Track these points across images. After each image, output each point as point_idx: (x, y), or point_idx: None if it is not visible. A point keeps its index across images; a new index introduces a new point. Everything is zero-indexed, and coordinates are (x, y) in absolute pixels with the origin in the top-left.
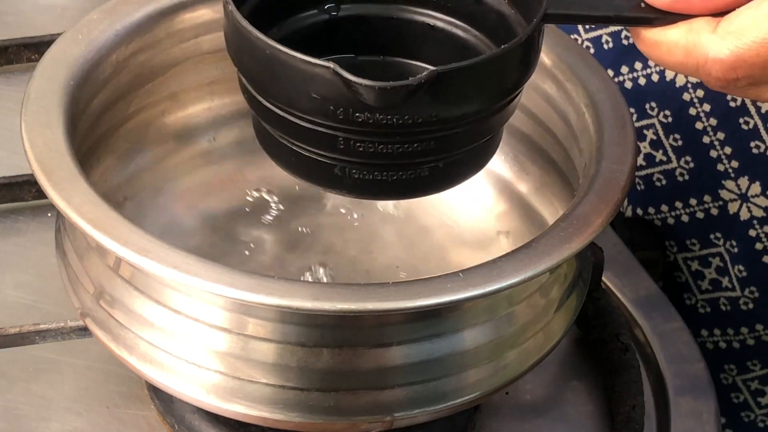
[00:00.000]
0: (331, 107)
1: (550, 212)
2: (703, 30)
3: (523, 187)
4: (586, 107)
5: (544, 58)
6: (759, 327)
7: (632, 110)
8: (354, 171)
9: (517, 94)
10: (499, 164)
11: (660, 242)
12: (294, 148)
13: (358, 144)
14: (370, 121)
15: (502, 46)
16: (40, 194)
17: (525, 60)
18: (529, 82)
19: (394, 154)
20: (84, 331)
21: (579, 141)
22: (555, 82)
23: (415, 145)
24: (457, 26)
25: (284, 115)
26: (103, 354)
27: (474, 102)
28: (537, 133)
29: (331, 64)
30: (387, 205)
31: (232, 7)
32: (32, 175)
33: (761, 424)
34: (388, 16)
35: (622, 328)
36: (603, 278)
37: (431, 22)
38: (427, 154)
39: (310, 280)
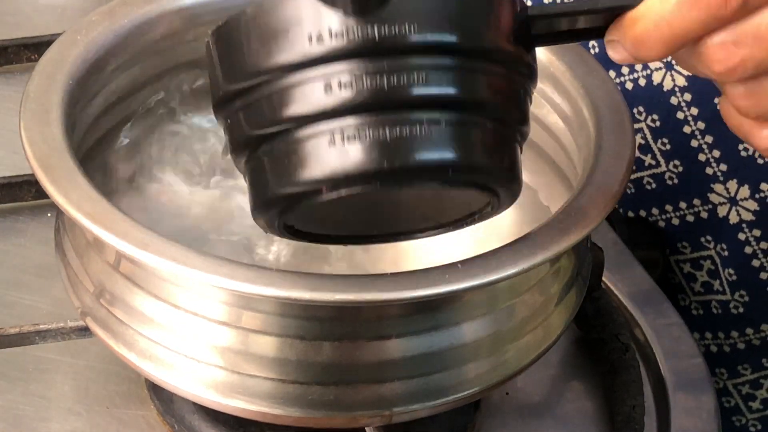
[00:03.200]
0: (310, 33)
1: (549, 209)
2: None
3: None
4: (584, 105)
5: (542, 55)
6: (749, 331)
7: None
8: (347, 134)
9: (506, 58)
10: None
11: (660, 242)
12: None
13: (344, 85)
14: (350, 37)
15: None
16: (40, 194)
17: (505, 25)
18: None
19: (385, 91)
20: (84, 331)
21: (578, 139)
22: (554, 80)
23: (405, 77)
24: None
25: (272, 90)
26: (103, 354)
27: (452, 28)
28: (536, 132)
29: None
30: None
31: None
32: (32, 175)
33: (752, 429)
34: None
35: (622, 328)
36: (602, 277)
37: None
38: (423, 102)
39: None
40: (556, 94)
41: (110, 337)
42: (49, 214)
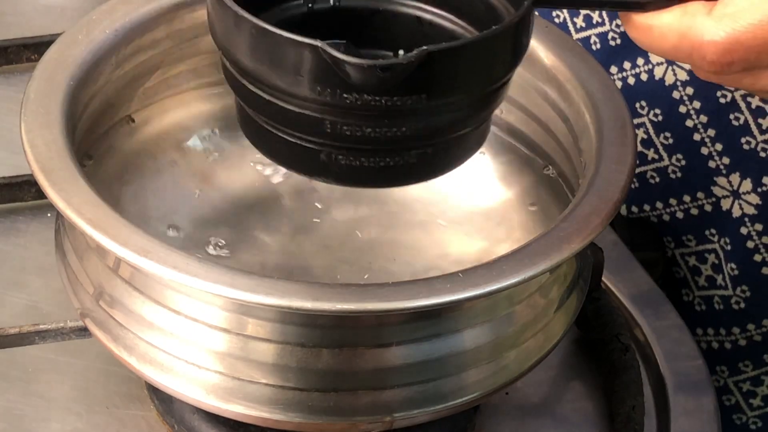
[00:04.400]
0: (318, 88)
1: (550, 213)
2: (698, 13)
3: (522, 188)
4: (586, 107)
5: (544, 58)
6: (750, 327)
7: None
8: (341, 156)
9: (507, 80)
10: (498, 164)
11: (660, 242)
12: (279, 134)
13: (345, 127)
14: (359, 103)
15: (493, 27)
16: (40, 194)
17: (515, 43)
18: (529, 82)
19: (382, 138)
20: (84, 331)
21: (579, 141)
22: (555, 82)
23: (404, 129)
24: (444, 18)
25: (270, 99)
26: (103, 354)
27: (464, 84)
28: (537, 133)
29: (318, 43)
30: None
31: None
32: (32, 175)
33: (753, 426)
34: (374, 9)
35: (621, 328)
36: (602, 277)
37: (418, 14)
38: (417, 139)
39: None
40: (558, 97)
41: (110, 339)
42: (49, 214)
